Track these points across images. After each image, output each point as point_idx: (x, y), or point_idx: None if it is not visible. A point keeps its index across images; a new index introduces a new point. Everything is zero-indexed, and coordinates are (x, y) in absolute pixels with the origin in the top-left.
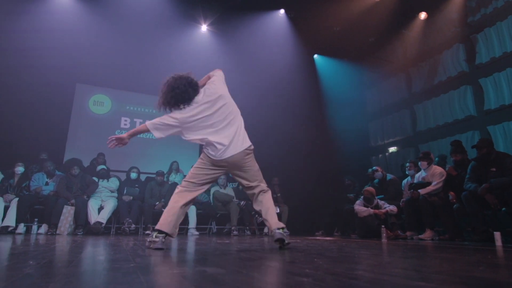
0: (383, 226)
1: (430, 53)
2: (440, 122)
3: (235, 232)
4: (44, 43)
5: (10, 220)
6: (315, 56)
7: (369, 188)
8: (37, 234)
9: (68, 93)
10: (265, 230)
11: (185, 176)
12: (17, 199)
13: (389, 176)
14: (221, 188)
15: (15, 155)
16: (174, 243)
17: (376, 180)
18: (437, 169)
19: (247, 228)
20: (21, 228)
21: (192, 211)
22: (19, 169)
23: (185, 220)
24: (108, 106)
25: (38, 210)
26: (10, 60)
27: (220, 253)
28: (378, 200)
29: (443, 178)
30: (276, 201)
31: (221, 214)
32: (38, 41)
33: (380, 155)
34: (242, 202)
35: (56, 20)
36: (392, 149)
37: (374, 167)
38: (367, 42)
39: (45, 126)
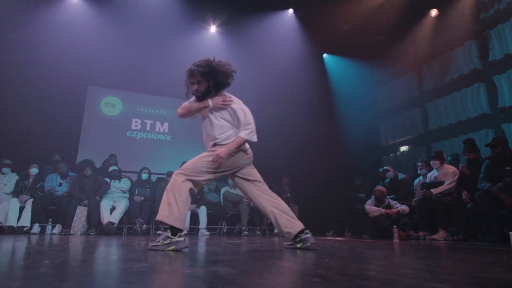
0: (395, 226)
1: (442, 51)
2: (452, 121)
3: (245, 233)
4: (56, 47)
5: (25, 220)
6: (325, 55)
7: (380, 187)
8: (51, 234)
9: (80, 95)
10: (275, 230)
11: None
12: (31, 200)
13: (401, 176)
14: (231, 189)
15: (30, 156)
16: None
17: (387, 180)
18: (449, 168)
19: (258, 228)
20: (36, 228)
21: (203, 211)
22: (34, 170)
23: (196, 220)
24: (119, 108)
25: (52, 210)
26: (23, 63)
27: (231, 253)
28: (390, 199)
29: (456, 177)
30: (286, 201)
31: (231, 214)
32: (49, 45)
33: (391, 155)
34: (252, 203)
35: (67, 23)
36: (404, 148)
37: (385, 167)
38: (377, 41)
39: (58, 128)
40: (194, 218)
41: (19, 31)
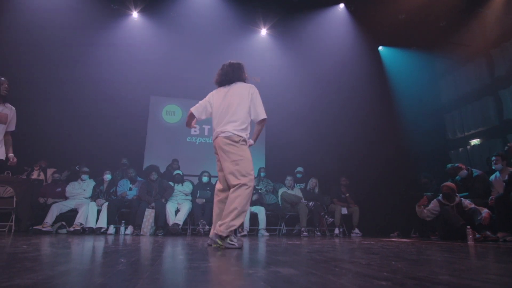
0: (468, 226)
1: None
2: None
3: (305, 233)
4: (120, 63)
5: (102, 222)
6: (380, 48)
7: (448, 183)
8: (125, 234)
9: (144, 105)
10: (336, 231)
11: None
12: (107, 203)
13: (476, 172)
14: (288, 189)
15: (103, 164)
16: (246, 243)
17: (457, 177)
18: None
19: (317, 229)
20: (111, 229)
21: (261, 212)
22: (107, 176)
23: (255, 221)
24: (179, 115)
25: (124, 213)
26: (97, 76)
27: (292, 254)
28: (462, 198)
29: None
30: (345, 202)
31: (290, 215)
32: (116, 62)
33: (461, 149)
34: (310, 203)
35: (129, 39)
36: (475, 141)
37: (456, 164)
38: (438, 27)
39: (126, 136)
40: (254, 219)
41: (89, 47)
